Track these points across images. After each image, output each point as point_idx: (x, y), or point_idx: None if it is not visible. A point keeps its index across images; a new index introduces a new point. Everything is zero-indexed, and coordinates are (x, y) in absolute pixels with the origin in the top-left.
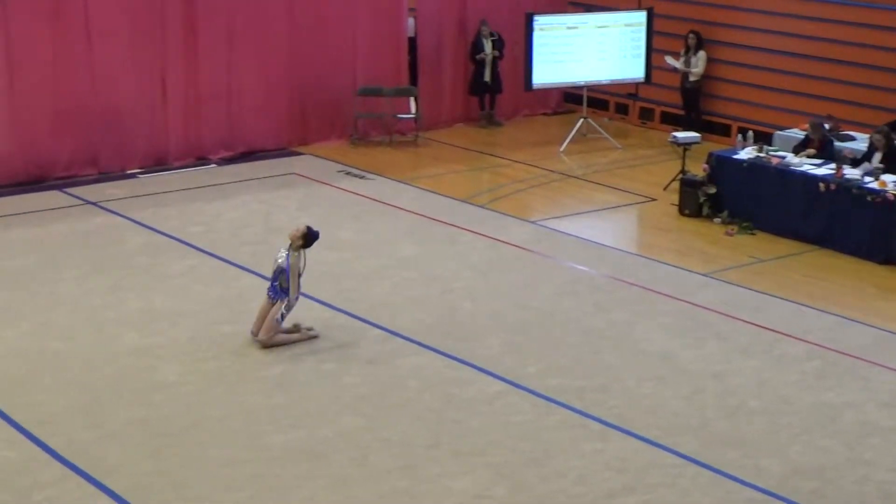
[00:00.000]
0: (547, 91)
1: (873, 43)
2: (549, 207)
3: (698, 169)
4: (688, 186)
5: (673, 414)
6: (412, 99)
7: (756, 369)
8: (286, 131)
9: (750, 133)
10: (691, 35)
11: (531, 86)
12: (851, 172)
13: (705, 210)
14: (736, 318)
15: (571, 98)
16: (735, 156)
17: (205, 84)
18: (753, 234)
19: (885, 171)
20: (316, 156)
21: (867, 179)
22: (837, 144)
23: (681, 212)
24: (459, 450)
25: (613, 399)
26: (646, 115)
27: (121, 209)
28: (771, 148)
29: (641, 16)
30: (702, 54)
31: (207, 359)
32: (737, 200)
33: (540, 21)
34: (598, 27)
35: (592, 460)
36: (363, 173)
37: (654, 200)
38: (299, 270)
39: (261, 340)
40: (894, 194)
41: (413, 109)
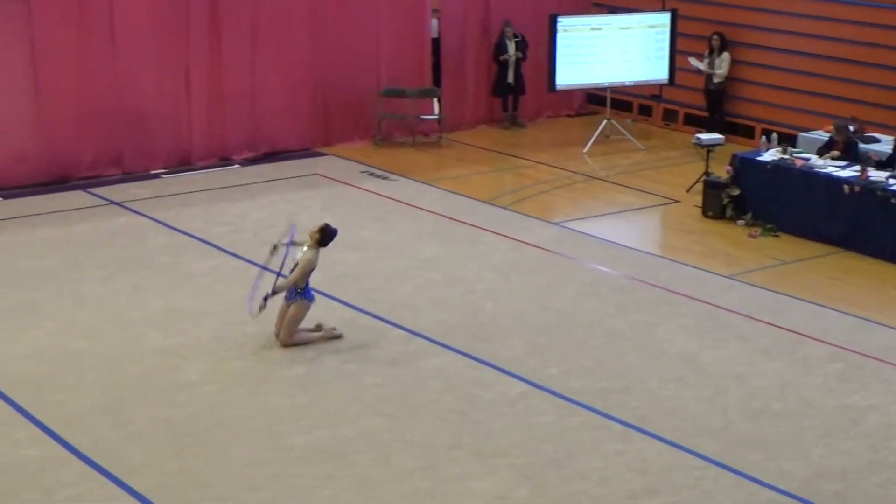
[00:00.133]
0: (570, 92)
1: None
2: (572, 209)
3: (722, 171)
4: (711, 188)
5: (695, 416)
6: (435, 100)
7: (778, 371)
8: (309, 132)
9: (774, 135)
10: (715, 37)
11: (555, 87)
12: (876, 174)
13: (729, 212)
14: (758, 320)
15: (594, 99)
16: (759, 158)
17: (229, 84)
18: (777, 237)
19: None
20: (339, 156)
21: (891, 182)
22: (862, 146)
23: (704, 214)
24: (481, 451)
25: (635, 400)
26: (669, 117)
27: (144, 209)
28: (795, 150)
29: (665, 17)
30: (726, 56)
31: (230, 359)
32: (760, 202)
33: (564, 22)
34: (622, 28)
35: (614, 462)
36: (386, 174)
37: (678, 202)
38: (312, 266)
39: (281, 341)
40: None
41: (436, 110)
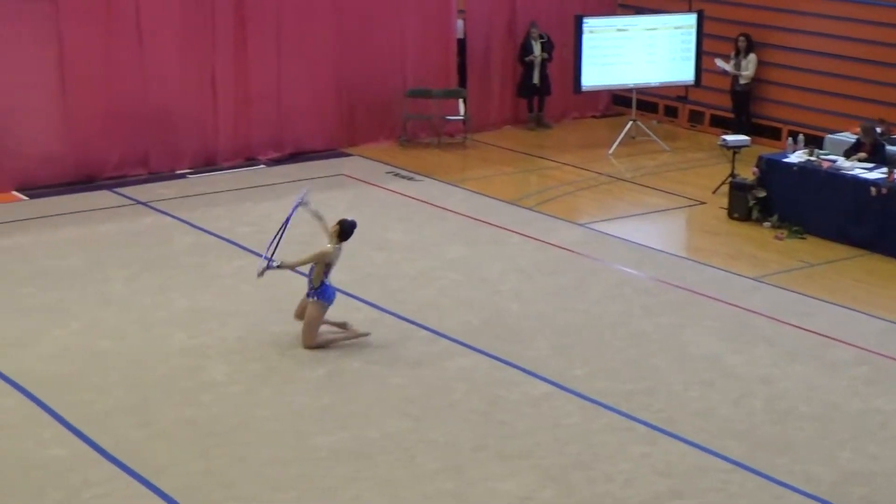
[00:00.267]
0: (596, 93)
1: None
2: (598, 210)
3: (748, 172)
4: (737, 190)
5: (721, 418)
6: (461, 101)
7: (805, 374)
8: (335, 132)
9: (801, 137)
10: (741, 38)
11: (580, 88)
12: None
13: (755, 214)
14: (785, 323)
15: (620, 101)
16: (785, 159)
17: (254, 85)
18: (803, 239)
19: None
20: (364, 157)
21: None
22: (889, 148)
23: (730, 215)
24: (506, 452)
25: (660, 402)
26: (695, 118)
27: (170, 209)
28: (822, 151)
29: (691, 18)
30: (752, 57)
31: (255, 359)
32: (787, 204)
33: (589, 23)
34: (648, 29)
35: (639, 464)
36: (411, 175)
37: (703, 204)
38: (328, 259)
39: (303, 344)
40: None
41: (462, 111)
